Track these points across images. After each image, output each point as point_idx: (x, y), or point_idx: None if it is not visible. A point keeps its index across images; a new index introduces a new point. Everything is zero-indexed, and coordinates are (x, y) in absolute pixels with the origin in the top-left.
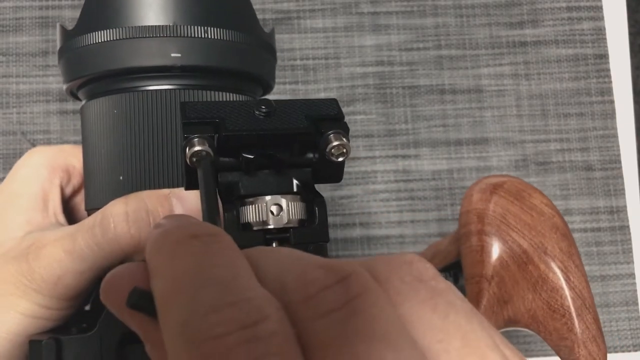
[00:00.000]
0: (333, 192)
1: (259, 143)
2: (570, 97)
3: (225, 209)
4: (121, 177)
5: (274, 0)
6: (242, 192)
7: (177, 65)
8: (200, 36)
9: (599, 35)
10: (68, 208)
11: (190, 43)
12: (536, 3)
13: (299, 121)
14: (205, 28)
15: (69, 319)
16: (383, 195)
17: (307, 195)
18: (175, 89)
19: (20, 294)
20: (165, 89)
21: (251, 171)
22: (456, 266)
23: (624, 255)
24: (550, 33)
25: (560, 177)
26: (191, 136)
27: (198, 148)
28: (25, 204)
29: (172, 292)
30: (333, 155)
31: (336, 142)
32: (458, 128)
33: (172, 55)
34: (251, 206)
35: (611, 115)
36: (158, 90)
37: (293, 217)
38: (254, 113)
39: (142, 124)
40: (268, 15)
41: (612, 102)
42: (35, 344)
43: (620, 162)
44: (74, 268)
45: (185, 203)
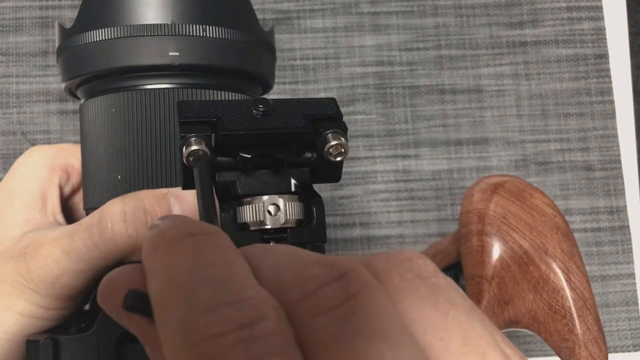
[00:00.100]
0: (333, 192)
1: (257, 142)
2: (570, 97)
3: (222, 209)
4: (119, 177)
5: (274, 0)
6: (240, 192)
7: (176, 64)
8: (198, 35)
9: (599, 35)
10: (67, 207)
11: (188, 42)
12: (536, 3)
13: (297, 120)
14: (203, 26)
15: (68, 319)
16: (383, 195)
17: (305, 195)
18: (173, 88)
19: (17, 294)
20: (163, 88)
21: (249, 171)
22: (456, 266)
23: (624, 255)
24: (550, 33)
25: (560, 177)
26: (188, 135)
27: (195, 147)
28: (24, 203)
29: (168, 292)
30: (331, 154)
31: (334, 142)
32: (458, 128)
33: (171, 54)
34: (248, 206)
35: (611, 115)
36: (156, 89)
37: (290, 217)
38: (252, 112)
39: (141, 123)
40: (268, 15)
41: (612, 102)
42: (32, 344)
43: (620, 162)
44: (72, 268)
45: (183, 202)
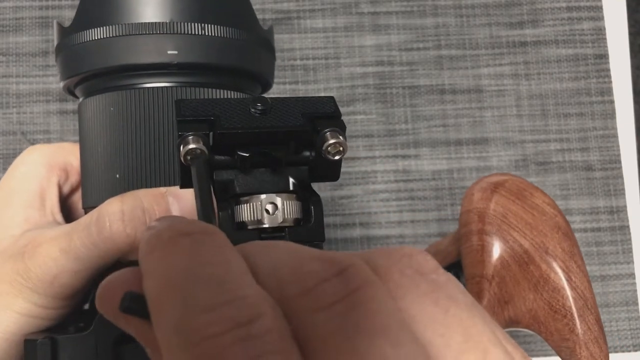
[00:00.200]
0: (333, 192)
1: (255, 141)
2: (570, 97)
3: (220, 208)
4: (118, 175)
5: (274, 0)
6: (238, 191)
7: (174, 62)
8: (197, 33)
9: (599, 35)
10: (66, 206)
11: (187, 40)
12: (536, 3)
13: (295, 119)
14: (202, 25)
15: (66, 318)
16: (383, 195)
17: (303, 194)
18: (172, 87)
19: (16, 293)
20: (162, 87)
21: (247, 169)
22: (457, 266)
23: (624, 255)
24: (550, 33)
25: (560, 177)
26: (186, 134)
27: (192, 146)
28: (22, 202)
29: (164, 292)
30: (329, 153)
31: (332, 140)
32: (458, 128)
33: (169, 52)
34: (246, 205)
35: (611, 115)
36: (155, 87)
37: (288, 216)
38: (250, 111)
39: (139, 122)
40: (268, 15)
41: (612, 102)
42: (30, 344)
43: (620, 162)
44: (70, 267)
45: (181, 201)
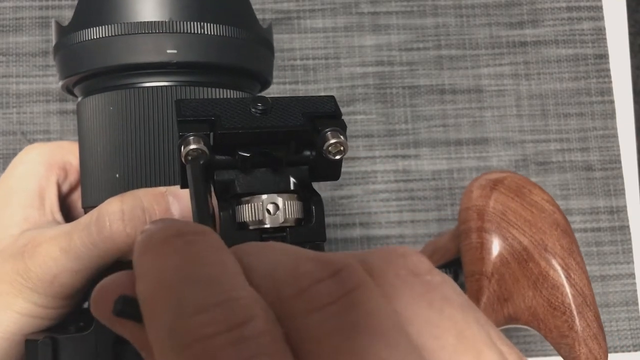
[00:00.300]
0: (333, 192)
1: (255, 141)
2: (570, 97)
3: (221, 208)
4: (117, 175)
5: (274, 0)
6: (239, 191)
7: (173, 61)
8: (196, 32)
9: (599, 35)
10: (65, 205)
11: (186, 39)
12: (536, 3)
13: (296, 119)
14: (201, 24)
15: (66, 318)
16: (383, 195)
17: (304, 193)
18: (171, 86)
19: (16, 293)
20: (161, 86)
21: (247, 169)
22: (456, 263)
23: (624, 255)
24: (550, 33)
25: (560, 177)
26: (186, 134)
27: (193, 146)
28: (22, 201)
29: (156, 294)
30: (330, 153)
31: (333, 140)
32: (458, 128)
33: (168, 51)
34: (247, 205)
35: (611, 115)
36: (154, 87)
37: (290, 216)
38: (250, 110)
39: (139, 121)
40: (268, 15)
41: (612, 102)
42: (31, 344)
43: (620, 162)
44: (70, 266)
45: (181, 201)
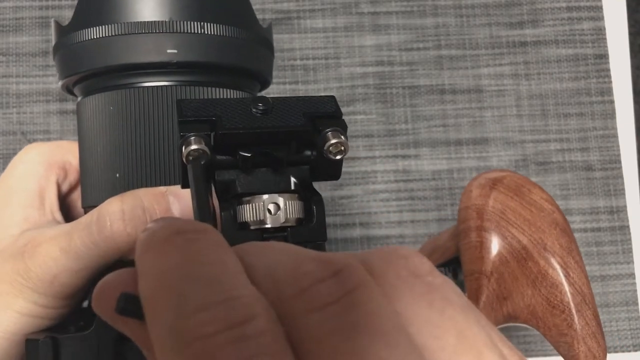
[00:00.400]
0: (333, 192)
1: (256, 141)
2: (570, 97)
3: (222, 208)
4: (117, 175)
5: (274, 0)
6: (239, 191)
7: (174, 61)
8: (196, 32)
9: (599, 35)
10: (65, 205)
11: (186, 39)
12: (536, 3)
13: (297, 119)
14: (201, 23)
15: (67, 317)
16: (383, 195)
17: (305, 193)
18: (171, 86)
19: (16, 293)
20: (161, 86)
21: (248, 169)
22: (455, 262)
23: (624, 255)
24: (550, 33)
25: (560, 177)
26: (187, 135)
27: (194, 147)
28: (21, 201)
29: (158, 292)
30: (331, 153)
31: (334, 140)
32: (458, 128)
33: (169, 51)
34: (248, 205)
35: (611, 115)
36: (154, 86)
37: (290, 216)
38: (251, 111)
39: (139, 121)
40: (268, 15)
41: (612, 102)
42: (31, 343)
43: (620, 162)
44: (70, 266)
45: (182, 201)
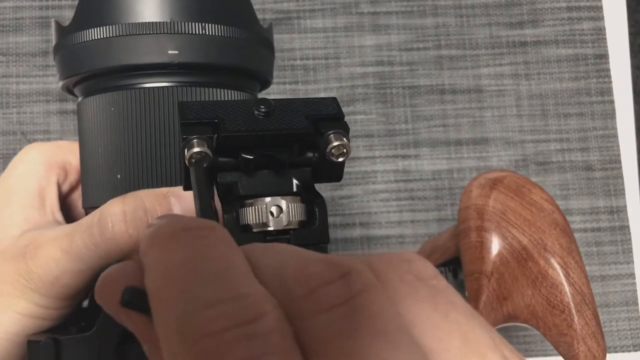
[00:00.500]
0: (333, 192)
1: (259, 143)
2: (570, 97)
3: (224, 210)
4: (119, 176)
5: (274, 0)
6: (242, 193)
7: (175, 62)
8: (197, 33)
9: (599, 35)
10: (65, 205)
11: (187, 40)
12: (536, 3)
13: (299, 121)
14: (202, 24)
15: (68, 318)
16: (383, 195)
17: (307, 195)
18: (172, 87)
19: (18, 294)
20: (162, 87)
21: (250, 171)
22: (455, 262)
23: (624, 255)
24: (550, 33)
25: (560, 177)
26: (190, 137)
27: (197, 149)
28: (22, 202)
29: (165, 287)
30: (333, 155)
31: (336, 142)
32: (458, 128)
33: (170, 52)
34: (251, 208)
35: (611, 115)
36: (155, 87)
37: (293, 219)
38: (253, 113)
39: (140, 122)
40: (268, 15)
41: (612, 102)
42: (33, 345)
43: (620, 162)
44: (72, 268)
45: (183, 202)
